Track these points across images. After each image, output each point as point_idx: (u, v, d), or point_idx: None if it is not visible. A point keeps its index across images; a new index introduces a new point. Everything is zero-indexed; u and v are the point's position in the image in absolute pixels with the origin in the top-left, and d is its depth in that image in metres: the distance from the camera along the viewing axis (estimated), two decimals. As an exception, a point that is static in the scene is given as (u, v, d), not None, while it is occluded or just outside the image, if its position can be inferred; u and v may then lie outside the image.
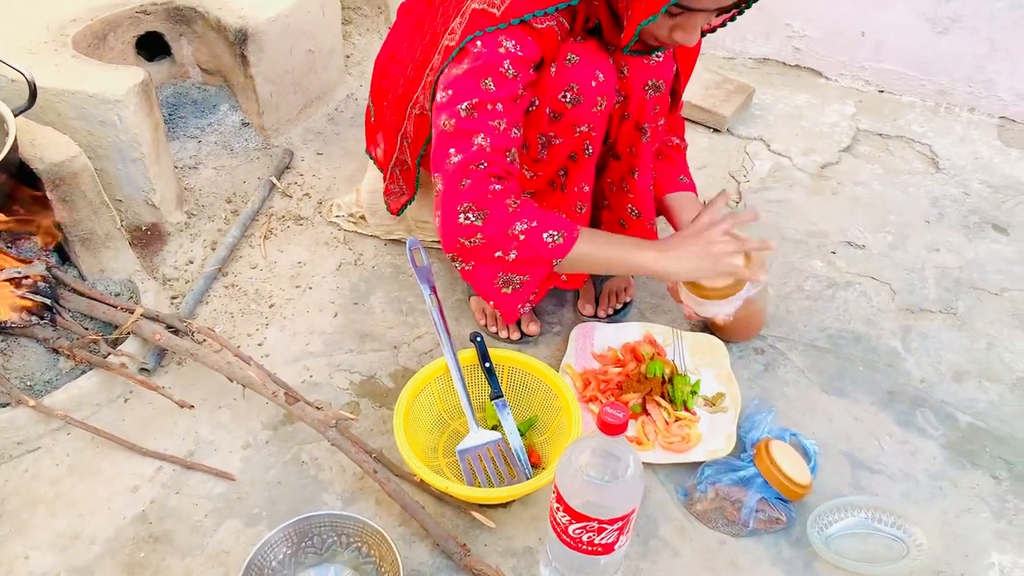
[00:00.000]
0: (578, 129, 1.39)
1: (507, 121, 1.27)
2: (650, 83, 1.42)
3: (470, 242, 1.29)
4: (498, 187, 1.27)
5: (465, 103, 1.27)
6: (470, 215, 1.27)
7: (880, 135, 2.28)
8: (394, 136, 1.61)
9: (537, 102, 1.37)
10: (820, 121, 2.33)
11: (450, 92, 1.29)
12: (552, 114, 1.37)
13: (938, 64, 2.33)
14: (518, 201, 1.28)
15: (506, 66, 1.26)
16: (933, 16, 2.26)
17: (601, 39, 1.38)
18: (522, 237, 1.28)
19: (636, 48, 1.33)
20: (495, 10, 1.27)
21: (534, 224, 1.27)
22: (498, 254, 1.30)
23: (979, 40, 2.24)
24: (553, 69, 1.34)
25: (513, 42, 1.26)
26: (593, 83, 1.35)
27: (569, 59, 1.35)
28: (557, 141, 1.40)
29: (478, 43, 1.27)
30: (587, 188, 1.49)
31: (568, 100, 1.36)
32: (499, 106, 1.26)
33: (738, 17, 1.35)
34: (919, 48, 2.33)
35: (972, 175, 2.15)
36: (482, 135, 1.26)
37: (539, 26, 1.27)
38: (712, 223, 1.37)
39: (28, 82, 1.57)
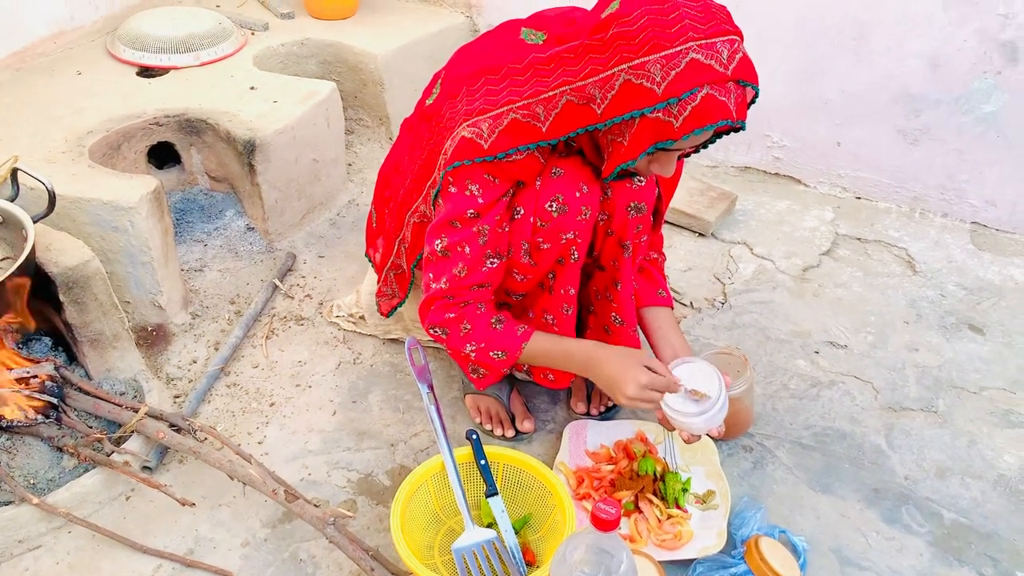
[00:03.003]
0: (564, 236, 1.48)
1: (470, 262, 1.47)
2: (632, 204, 1.52)
3: (442, 345, 1.57)
4: (452, 315, 1.50)
5: (438, 242, 1.48)
6: (436, 329, 1.53)
7: (858, 239, 2.38)
8: (392, 241, 1.70)
9: (522, 211, 1.47)
10: (801, 226, 2.43)
11: (435, 220, 1.49)
12: (539, 222, 1.47)
13: (911, 172, 2.45)
14: (469, 326, 1.50)
15: (469, 214, 1.44)
16: (904, 128, 2.40)
17: (583, 155, 1.49)
18: (473, 355, 1.52)
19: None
20: (483, 142, 1.39)
21: (482, 346, 1.51)
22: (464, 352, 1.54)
23: (948, 151, 2.37)
24: (539, 183, 1.45)
25: (477, 186, 1.43)
26: (577, 194, 1.45)
27: (554, 172, 1.45)
28: (545, 246, 1.49)
29: (450, 179, 1.44)
30: (572, 291, 1.57)
31: (554, 209, 1.46)
32: (466, 248, 1.46)
33: (710, 145, 1.45)
34: (893, 158, 2.46)
35: (947, 277, 2.24)
36: (445, 279, 1.48)
37: (518, 157, 1.41)
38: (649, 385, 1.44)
39: (48, 191, 1.66)
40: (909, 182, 2.47)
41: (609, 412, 1.82)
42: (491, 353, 1.51)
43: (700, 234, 2.38)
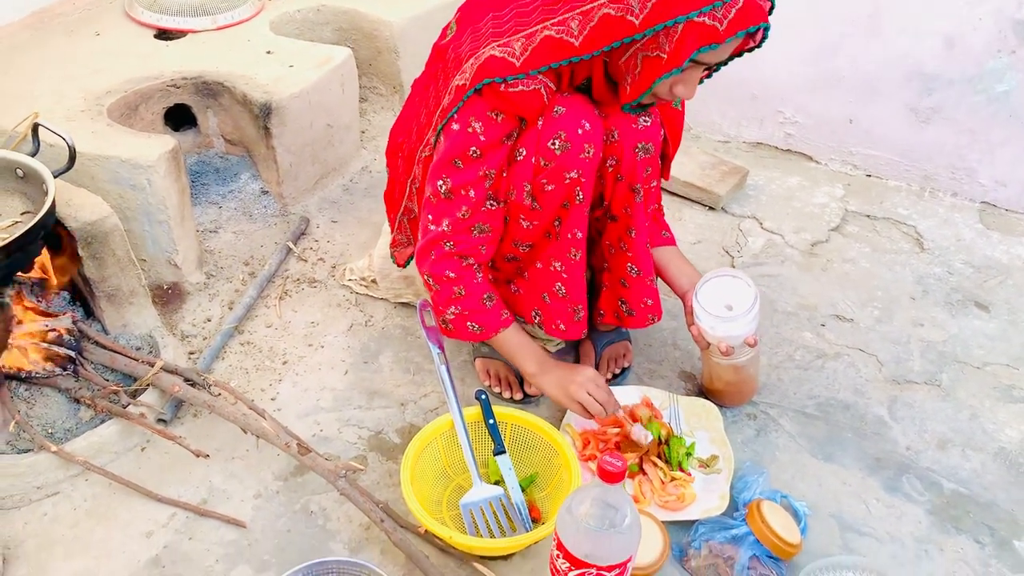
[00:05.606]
0: (567, 175, 1.48)
1: (473, 205, 1.49)
2: (640, 146, 1.54)
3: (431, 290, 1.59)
4: (452, 274, 1.53)
5: (440, 183, 1.49)
6: (429, 279, 1.55)
7: (868, 216, 2.40)
8: (405, 183, 1.71)
9: (524, 152, 1.48)
10: (811, 202, 2.45)
11: (435, 160, 1.51)
12: (542, 161, 1.48)
13: (922, 151, 2.46)
14: (464, 292, 1.54)
15: (471, 152, 1.46)
16: (916, 107, 2.40)
17: (587, 95, 1.50)
18: (451, 317, 1.57)
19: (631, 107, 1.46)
20: (515, 60, 1.39)
21: (465, 313, 1.56)
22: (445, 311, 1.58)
23: (959, 130, 2.37)
24: (540, 122, 1.46)
25: (480, 124, 1.44)
26: (579, 131, 1.46)
27: (556, 111, 1.46)
28: (549, 187, 1.49)
29: (454, 124, 1.46)
30: (580, 234, 1.57)
31: (556, 147, 1.46)
32: (471, 192, 1.48)
33: (714, 74, 1.46)
34: (904, 136, 2.46)
35: (955, 255, 2.25)
36: (447, 221, 1.50)
37: (526, 88, 1.41)
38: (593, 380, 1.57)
39: (68, 146, 1.68)
40: (920, 161, 2.48)
41: (616, 378, 1.85)
42: (468, 323, 1.56)
43: (710, 207, 2.39)
